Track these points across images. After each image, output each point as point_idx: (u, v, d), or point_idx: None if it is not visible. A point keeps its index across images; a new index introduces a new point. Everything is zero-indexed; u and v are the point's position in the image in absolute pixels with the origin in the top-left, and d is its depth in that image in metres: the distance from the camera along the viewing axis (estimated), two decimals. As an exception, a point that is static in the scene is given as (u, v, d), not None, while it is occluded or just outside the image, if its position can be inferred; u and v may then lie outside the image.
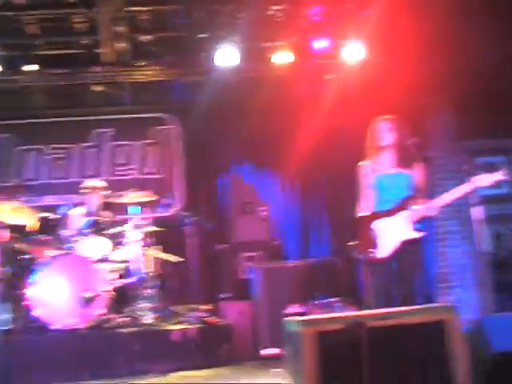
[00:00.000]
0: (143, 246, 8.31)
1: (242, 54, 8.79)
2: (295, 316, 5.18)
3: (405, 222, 5.70)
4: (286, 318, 4.67)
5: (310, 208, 9.80)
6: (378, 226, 5.77)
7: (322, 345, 4.13)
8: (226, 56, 8.76)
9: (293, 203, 9.77)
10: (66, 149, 10.08)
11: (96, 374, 7.06)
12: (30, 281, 7.48)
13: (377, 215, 5.82)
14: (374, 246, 5.75)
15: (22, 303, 7.53)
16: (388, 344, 4.20)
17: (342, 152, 8.80)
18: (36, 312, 7.39)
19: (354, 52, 8.85)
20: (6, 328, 7.18)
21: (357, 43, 8.76)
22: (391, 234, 5.70)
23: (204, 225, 8.82)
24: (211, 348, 7.61)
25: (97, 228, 8.14)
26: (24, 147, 10.03)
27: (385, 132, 5.90)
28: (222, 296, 8.55)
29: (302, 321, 4.35)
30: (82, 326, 7.44)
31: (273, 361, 7.29)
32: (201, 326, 7.81)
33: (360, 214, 5.95)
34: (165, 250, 8.74)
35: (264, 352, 7.88)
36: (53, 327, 7.37)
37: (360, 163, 6.04)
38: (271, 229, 9.44)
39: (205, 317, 8.09)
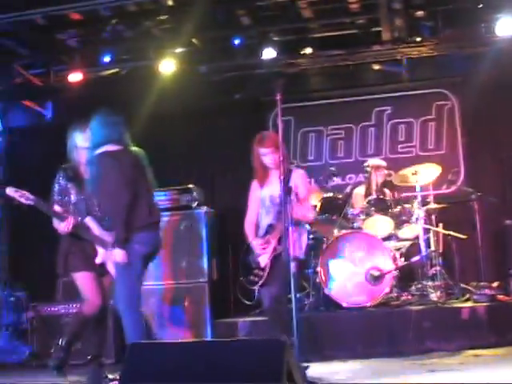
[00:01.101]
0: (427, 224, 8.33)
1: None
2: None
3: None
4: None
5: None
6: None
7: None
8: (506, 26, 8.49)
9: None
10: (346, 129, 10.31)
11: (385, 352, 7.19)
12: (320, 260, 7.79)
13: None
14: None
15: (315, 281, 7.88)
16: None
17: None
18: (327, 290, 7.69)
19: None
20: (300, 305, 7.53)
21: None
22: None
23: (489, 200, 8.60)
24: (502, 326, 7.41)
25: (381, 206, 8.23)
26: (305, 129, 10.40)
27: None
28: (511, 272, 8.31)
29: None
30: (371, 303, 7.62)
31: None
32: (491, 303, 7.65)
33: None
34: (449, 227, 8.66)
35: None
36: (343, 305, 7.64)
37: None
38: None
39: (494, 294, 7.90)
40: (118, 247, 5.64)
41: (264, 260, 6.34)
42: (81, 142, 6.23)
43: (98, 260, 6.03)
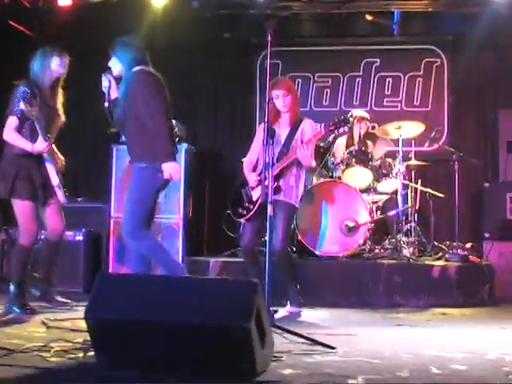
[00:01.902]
0: (406, 180, 8.26)
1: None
2: None
3: None
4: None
5: None
6: None
7: None
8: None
9: None
10: (333, 77, 10.16)
11: (354, 303, 7.19)
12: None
13: None
14: None
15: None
16: None
17: None
18: (300, 237, 7.63)
19: None
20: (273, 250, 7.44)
21: None
22: None
23: (470, 161, 8.54)
24: (471, 287, 7.42)
25: (361, 158, 8.12)
26: (292, 74, 10.20)
27: None
28: (485, 235, 8.32)
29: None
30: (343, 254, 7.58)
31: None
32: (462, 263, 7.63)
33: None
34: (428, 185, 8.64)
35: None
36: (315, 253, 7.59)
37: None
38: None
39: (466, 255, 7.89)
40: (169, 161, 5.53)
41: (256, 194, 6.39)
42: (56, 66, 6.13)
43: (54, 183, 6.04)
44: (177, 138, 8.24)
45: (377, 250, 7.89)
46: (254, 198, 6.44)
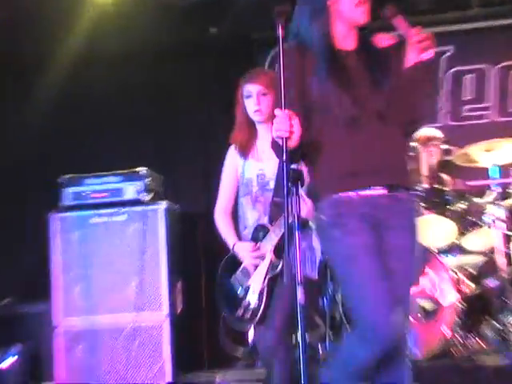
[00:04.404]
0: (509, 229, 8.13)
1: None
2: None
3: None
4: None
5: None
6: None
7: None
8: None
9: None
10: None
11: None
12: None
13: None
14: None
15: (334, 316, 7.71)
16: None
17: None
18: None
19: None
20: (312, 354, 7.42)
21: None
22: None
23: None
24: None
25: (435, 201, 8.05)
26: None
27: None
28: None
29: None
30: (421, 353, 7.36)
31: None
32: None
33: None
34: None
35: None
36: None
37: None
38: None
39: None
40: None
41: (257, 283, 5.96)
42: None
43: None
44: (149, 195, 8.25)
45: (473, 344, 7.74)
46: (256, 289, 5.94)
